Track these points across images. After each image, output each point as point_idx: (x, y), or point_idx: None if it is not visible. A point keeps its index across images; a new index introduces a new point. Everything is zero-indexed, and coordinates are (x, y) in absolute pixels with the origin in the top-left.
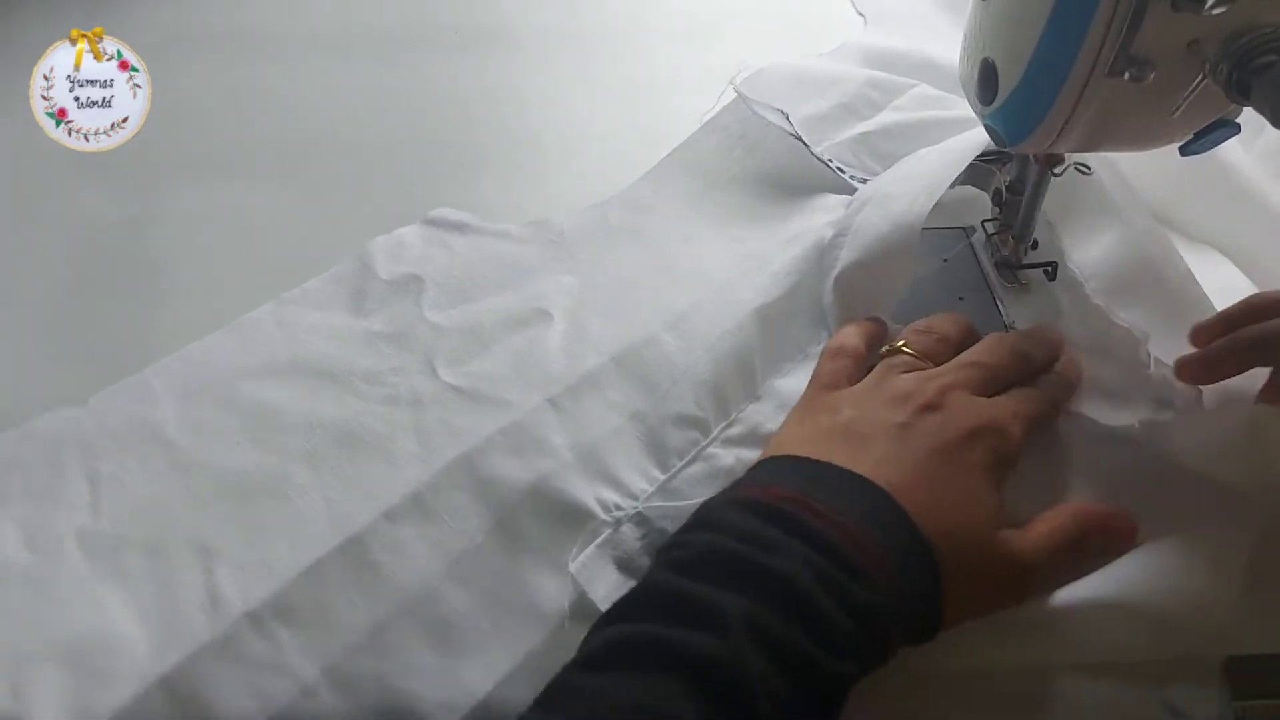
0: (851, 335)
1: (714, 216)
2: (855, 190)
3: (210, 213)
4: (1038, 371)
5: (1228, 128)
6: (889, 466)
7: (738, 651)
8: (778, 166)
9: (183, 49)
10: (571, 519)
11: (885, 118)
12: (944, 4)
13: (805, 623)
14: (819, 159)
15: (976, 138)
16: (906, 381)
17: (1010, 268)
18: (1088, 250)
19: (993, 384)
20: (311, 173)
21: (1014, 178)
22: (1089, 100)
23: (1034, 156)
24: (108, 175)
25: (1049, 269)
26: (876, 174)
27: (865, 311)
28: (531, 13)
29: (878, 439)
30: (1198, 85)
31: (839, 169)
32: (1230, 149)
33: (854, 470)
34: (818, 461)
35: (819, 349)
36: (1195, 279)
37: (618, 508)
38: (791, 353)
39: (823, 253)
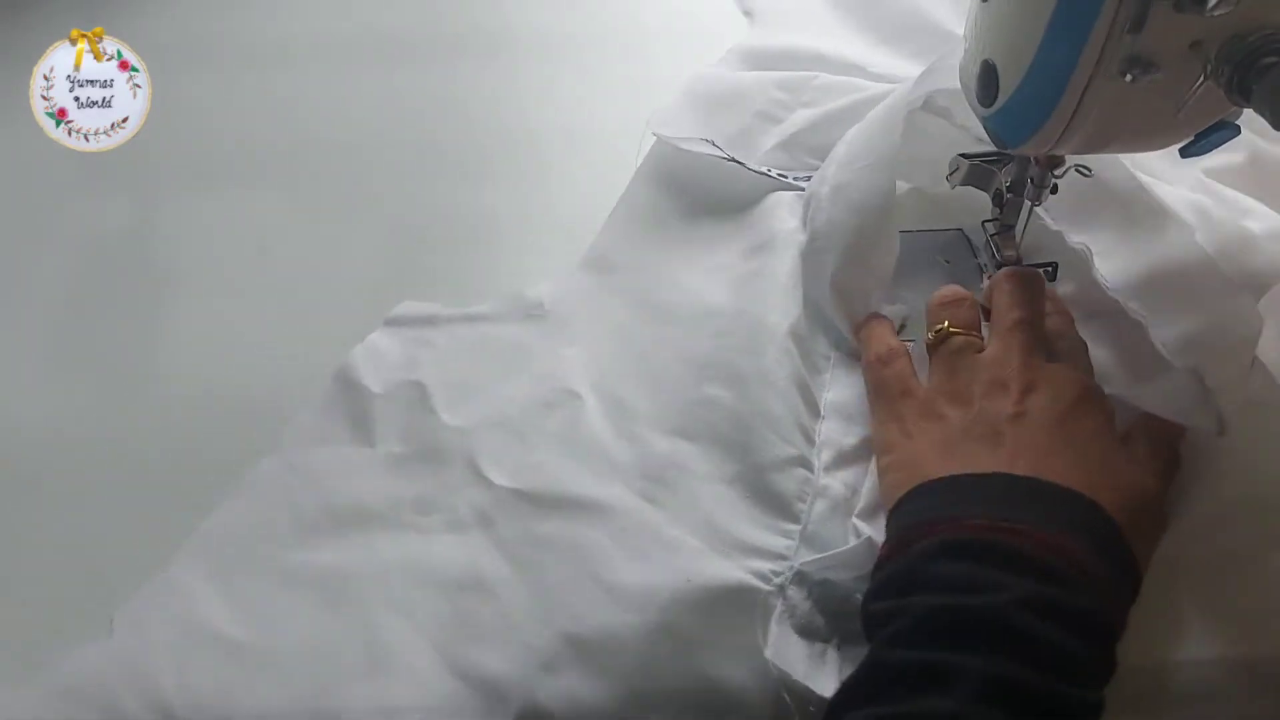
0: (885, 335)
1: (682, 254)
2: (801, 189)
3: (210, 213)
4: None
5: (1228, 129)
6: (1031, 456)
7: (966, 710)
8: (719, 189)
9: (183, 49)
10: (734, 601)
11: (802, 115)
12: (833, 1)
13: (1038, 661)
14: (758, 172)
15: (897, 100)
16: (988, 370)
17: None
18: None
19: (1041, 327)
20: (312, 176)
21: (1014, 178)
22: (1091, 102)
23: (1034, 158)
24: (108, 176)
25: (1049, 269)
26: (815, 168)
27: (863, 305)
28: (532, 15)
29: (1003, 432)
30: (1199, 87)
31: (779, 175)
32: None
33: (1005, 471)
34: (975, 476)
35: (835, 352)
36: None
37: (774, 574)
38: (820, 363)
39: (805, 259)
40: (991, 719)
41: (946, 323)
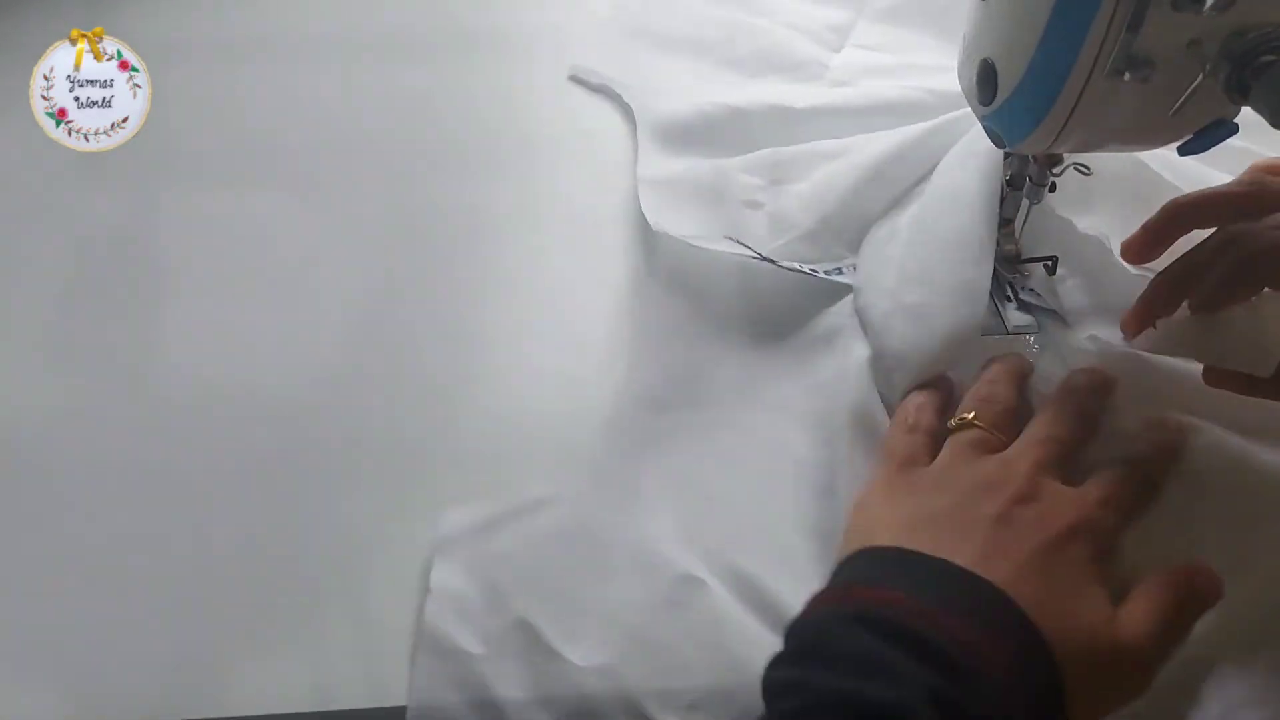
0: (925, 409)
1: (731, 384)
2: (837, 281)
3: (210, 214)
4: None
5: (1226, 127)
6: (996, 561)
7: None
8: (743, 294)
9: (183, 49)
10: None
11: (786, 195)
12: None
13: None
14: (790, 269)
15: (981, 226)
16: (990, 468)
17: (1011, 263)
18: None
19: (1070, 453)
20: (311, 174)
21: (1014, 172)
22: (1089, 100)
23: (1033, 156)
24: (108, 175)
25: (1049, 263)
26: (844, 258)
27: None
28: (530, 14)
29: (977, 530)
30: (1197, 85)
31: (811, 271)
32: None
33: (958, 563)
34: (925, 556)
35: None
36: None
37: None
38: None
39: (872, 367)
40: None
41: (974, 414)
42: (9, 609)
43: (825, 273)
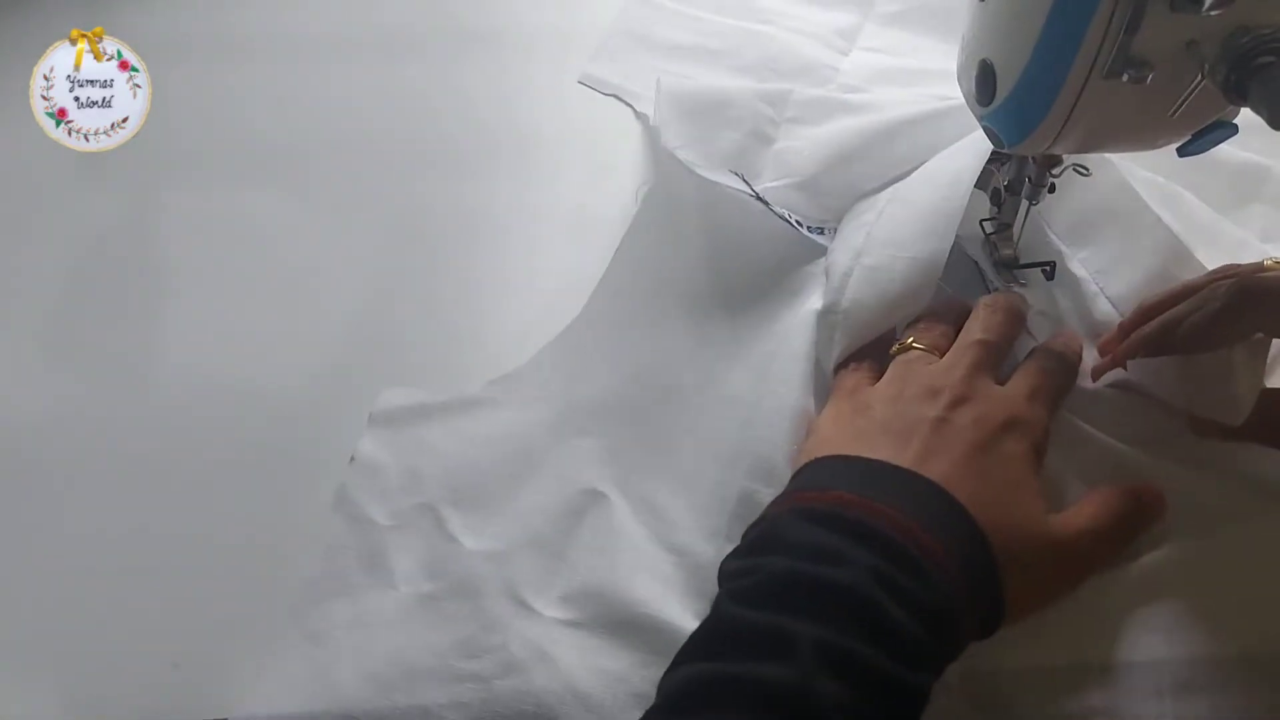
0: (866, 356)
1: (689, 321)
2: (816, 241)
3: (210, 213)
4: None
5: (1225, 128)
6: (934, 460)
7: (808, 679)
8: (728, 231)
9: (183, 49)
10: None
11: (797, 136)
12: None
13: (877, 637)
14: (780, 216)
15: (950, 202)
16: (929, 374)
17: (1008, 267)
18: (1086, 246)
19: (1000, 353)
20: (311, 174)
21: (1012, 177)
22: (1087, 101)
23: (1032, 158)
24: (108, 175)
25: (1047, 268)
26: (827, 221)
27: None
28: (530, 13)
29: (916, 433)
30: (1196, 86)
31: (798, 223)
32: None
33: (900, 465)
34: (866, 459)
35: None
36: (1195, 257)
37: None
38: None
39: (818, 321)
40: (828, 689)
41: (912, 339)
42: (9, 609)
43: (809, 229)
